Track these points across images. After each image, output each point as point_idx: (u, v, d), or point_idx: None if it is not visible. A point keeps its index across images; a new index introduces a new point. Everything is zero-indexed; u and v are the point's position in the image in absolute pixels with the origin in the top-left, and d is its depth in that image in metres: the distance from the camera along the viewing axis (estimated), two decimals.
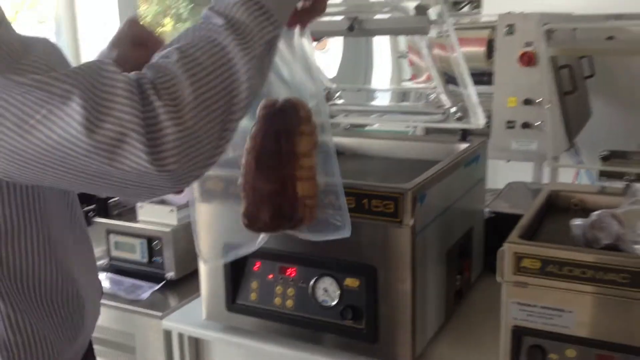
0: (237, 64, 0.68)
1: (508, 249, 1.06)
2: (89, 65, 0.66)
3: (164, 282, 1.61)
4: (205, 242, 1.32)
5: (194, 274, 1.63)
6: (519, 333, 1.08)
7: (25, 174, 0.68)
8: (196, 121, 0.65)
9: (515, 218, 1.18)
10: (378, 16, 1.40)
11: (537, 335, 1.07)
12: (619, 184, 1.35)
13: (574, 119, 2.26)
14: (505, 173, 2.20)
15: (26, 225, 0.80)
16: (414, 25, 1.30)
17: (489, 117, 2.09)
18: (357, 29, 1.29)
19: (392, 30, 1.49)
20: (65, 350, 0.93)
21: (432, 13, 1.31)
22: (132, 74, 0.66)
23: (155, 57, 0.70)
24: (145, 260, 1.63)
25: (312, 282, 1.25)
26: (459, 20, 3.17)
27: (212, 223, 1.31)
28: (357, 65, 2.17)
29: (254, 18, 0.71)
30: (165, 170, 0.64)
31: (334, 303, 1.23)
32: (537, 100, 2.07)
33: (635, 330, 1.01)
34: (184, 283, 1.62)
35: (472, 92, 1.44)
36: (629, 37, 2.03)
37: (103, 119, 0.62)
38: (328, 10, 1.49)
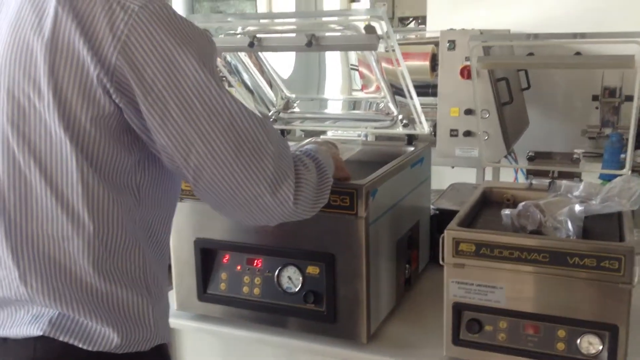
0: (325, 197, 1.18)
1: (447, 235, 1.22)
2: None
3: None
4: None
5: None
6: (458, 308, 1.24)
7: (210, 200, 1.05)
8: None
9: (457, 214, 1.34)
10: (332, 33, 1.55)
11: (474, 310, 1.23)
12: (545, 181, 1.51)
13: (511, 127, 2.45)
14: (451, 178, 2.36)
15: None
16: (364, 42, 1.45)
17: (434, 126, 2.26)
18: (314, 45, 1.43)
19: (345, 46, 1.63)
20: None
21: (379, 30, 1.45)
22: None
23: (311, 162, 1.15)
24: None
25: (277, 271, 1.39)
26: (406, 35, 3.34)
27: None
28: (310, 76, 2.30)
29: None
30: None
31: (297, 289, 1.37)
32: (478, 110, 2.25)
33: (556, 302, 1.17)
34: None
35: (416, 101, 1.59)
36: (551, 53, 2.25)
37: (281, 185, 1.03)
38: (288, 27, 1.64)
